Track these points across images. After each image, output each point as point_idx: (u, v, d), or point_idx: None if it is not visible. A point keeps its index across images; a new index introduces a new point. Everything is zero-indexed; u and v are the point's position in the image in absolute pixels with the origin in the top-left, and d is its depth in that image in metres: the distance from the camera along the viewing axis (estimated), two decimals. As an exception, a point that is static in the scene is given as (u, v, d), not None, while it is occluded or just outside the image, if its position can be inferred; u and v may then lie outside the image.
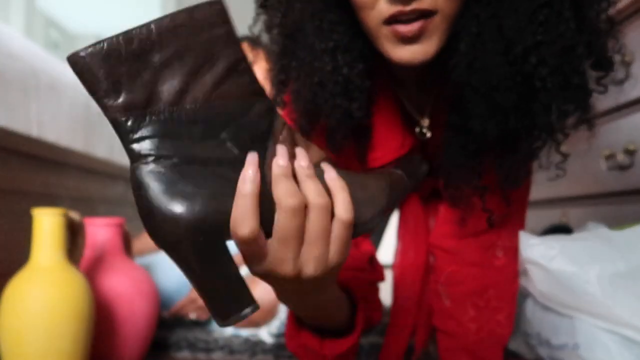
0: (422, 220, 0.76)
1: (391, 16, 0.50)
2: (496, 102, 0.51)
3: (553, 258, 0.75)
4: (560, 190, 1.47)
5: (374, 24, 0.52)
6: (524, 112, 0.52)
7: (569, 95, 0.53)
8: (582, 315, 0.71)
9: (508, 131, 0.54)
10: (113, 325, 0.88)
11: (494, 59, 0.50)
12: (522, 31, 0.49)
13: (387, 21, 0.51)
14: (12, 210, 1.08)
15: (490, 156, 0.59)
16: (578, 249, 0.75)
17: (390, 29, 0.51)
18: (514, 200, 0.67)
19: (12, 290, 0.74)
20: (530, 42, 0.49)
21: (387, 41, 0.52)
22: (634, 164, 1.11)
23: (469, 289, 0.68)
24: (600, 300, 0.68)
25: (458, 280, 0.69)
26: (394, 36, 0.51)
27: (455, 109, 0.56)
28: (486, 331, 0.67)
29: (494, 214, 0.65)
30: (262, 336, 1.10)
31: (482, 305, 0.68)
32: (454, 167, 0.61)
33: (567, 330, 0.72)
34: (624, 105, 1.16)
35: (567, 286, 0.72)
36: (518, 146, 0.56)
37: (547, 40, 0.49)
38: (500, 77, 0.50)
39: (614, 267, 0.70)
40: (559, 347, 0.74)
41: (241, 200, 0.36)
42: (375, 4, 0.51)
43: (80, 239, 0.84)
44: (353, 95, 0.56)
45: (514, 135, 0.55)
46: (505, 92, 0.51)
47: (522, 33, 0.49)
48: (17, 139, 1.10)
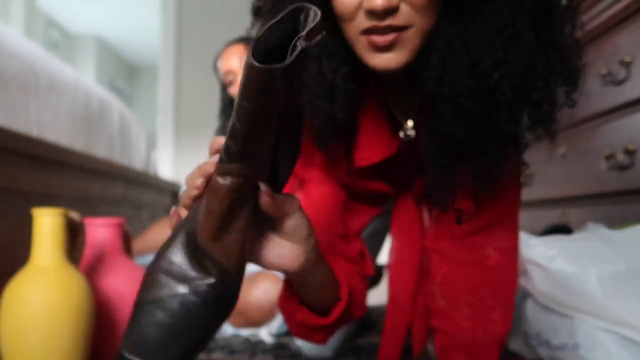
0: (416, 220, 0.78)
1: (367, 28, 0.55)
2: (463, 111, 0.56)
3: (553, 258, 0.75)
4: (560, 190, 1.47)
5: (353, 34, 0.57)
6: (489, 122, 0.57)
7: (530, 109, 0.58)
8: (582, 316, 0.71)
9: (475, 137, 0.59)
10: (113, 325, 0.88)
11: (461, 73, 0.55)
12: (486, 49, 0.54)
13: (365, 32, 0.56)
14: (12, 210, 1.08)
15: (463, 159, 0.63)
16: (578, 249, 0.75)
17: (367, 38, 0.56)
18: (505, 203, 0.71)
19: (12, 290, 0.74)
20: (493, 59, 0.54)
21: (365, 49, 0.58)
22: (634, 164, 1.11)
23: (463, 288, 0.69)
24: (600, 301, 0.68)
25: (452, 280, 0.70)
26: (370, 45, 0.56)
27: (432, 113, 0.61)
28: (481, 329, 0.68)
29: (462, 213, 0.68)
30: (262, 336, 1.10)
31: (476, 303, 0.68)
32: (432, 167, 0.65)
33: (567, 330, 0.73)
34: (624, 105, 1.16)
35: (567, 286, 0.72)
36: (485, 151, 0.61)
37: (509, 58, 0.54)
38: (466, 90, 0.55)
39: (614, 267, 0.70)
40: (558, 347, 0.74)
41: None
42: (355, 16, 0.56)
43: (80, 239, 0.84)
44: (337, 97, 0.60)
45: (481, 142, 0.60)
46: (471, 103, 0.56)
47: (487, 51, 0.54)
48: (17, 139, 1.10)
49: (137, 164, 2.10)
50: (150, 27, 5.16)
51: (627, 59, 1.12)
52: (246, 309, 1.11)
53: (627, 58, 1.12)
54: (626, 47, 1.14)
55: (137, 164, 2.11)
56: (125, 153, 1.96)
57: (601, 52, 1.25)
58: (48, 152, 1.22)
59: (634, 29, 1.12)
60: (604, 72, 1.20)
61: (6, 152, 1.06)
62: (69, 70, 1.57)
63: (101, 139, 1.72)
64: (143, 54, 6.53)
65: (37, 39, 4.57)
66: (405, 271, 0.77)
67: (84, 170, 1.43)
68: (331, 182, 0.73)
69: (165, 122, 3.31)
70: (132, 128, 2.07)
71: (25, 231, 0.89)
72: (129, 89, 6.76)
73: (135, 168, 2.00)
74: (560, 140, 1.46)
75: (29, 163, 1.15)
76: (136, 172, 1.89)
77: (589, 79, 1.30)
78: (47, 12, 5.20)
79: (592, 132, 1.30)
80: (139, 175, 1.90)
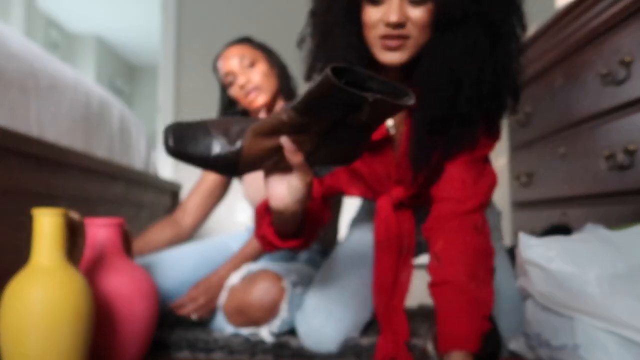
0: (393, 219, 1.00)
1: (384, 35, 0.85)
2: (439, 96, 0.85)
3: (552, 259, 0.75)
4: (560, 190, 1.47)
5: (373, 38, 0.87)
6: (454, 106, 0.86)
7: (484, 104, 0.87)
8: (581, 316, 0.71)
9: (445, 115, 0.87)
10: (113, 325, 0.88)
11: (440, 72, 0.85)
12: (457, 59, 0.84)
13: (381, 37, 0.86)
14: (12, 210, 1.08)
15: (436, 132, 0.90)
16: (577, 250, 0.75)
17: (382, 42, 0.86)
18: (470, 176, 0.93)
19: (12, 290, 0.74)
20: (461, 66, 0.84)
21: (379, 49, 0.88)
22: (634, 164, 1.11)
23: (456, 252, 0.86)
24: (600, 301, 0.69)
25: (446, 247, 0.87)
26: (383, 47, 0.87)
27: (419, 102, 0.84)
28: (475, 284, 0.82)
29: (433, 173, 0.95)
30: (262, 335, 1.10)
31: (469, 264, 0.84)
32: (416, 136, 0.91)
33: (567, 331, 0.73)
34: (624, 105, 1.16)
35: (566, 287, 0.72)
36: (451, 125, 0.89)
37: (471, 67, 0.84)
38: (443, 83, 0.85)
39: (613, 268, 0.70)
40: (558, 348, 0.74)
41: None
42: (376, 25, 0.85)
43: (80, 239, 0.84)
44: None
45: (449, 118, 0.88)
46: (444, 92, 0.85)
47: (458, 60, 0.84)
48: (17, 139, 1.10)
49: (137, 164, 2.10)
50: (150, 27, 5.16)
51: (627, 59, 1.12)
52: (247, 308, 1.11)
53: (627, 58, 1.12)
54: (626, 47, 1.14)
55: (137, 164, 2.11)
56: (125, 153, 1.96)
57: (601, 52, 1.25)
58: (48, 152, 1.22)
59: (634, 29, 1.12)
60: (604, 72, 1.20)
61: (6, 152, 1.06)
62: (69, 70, 1.57)
63: (101, 139, 1.72)
64: (143, 54, 6.54)
65: (37, 39, 4.57)
66: (385, 258, 1.00)
67: (84, 170, 1.43)
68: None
69: (165, 122, 3.32)
70: (132, 128, 2.07)
71: (25, 231, 0.89)
72: (129, 89, 6.76)
73: (135, 168, 2.00)
74: (560, 140, 1.46)
75: (29, 163, 1.15)
76: (136, 172, 1.89)
77: (589, 79, 1.30)
78: (47, 12, 5.20)
79: (592, 132, 1.30)
80: (139, 175, 1.91)
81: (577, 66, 1.37)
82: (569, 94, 1.42)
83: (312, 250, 1.43)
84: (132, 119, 2.09)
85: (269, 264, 1.20)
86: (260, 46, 1.42)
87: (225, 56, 1.39)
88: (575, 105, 1.38)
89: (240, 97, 1.37)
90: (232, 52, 1.39)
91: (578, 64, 1.37)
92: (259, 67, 1.37)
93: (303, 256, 1.42)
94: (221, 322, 1.17)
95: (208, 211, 1.53)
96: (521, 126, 1.73)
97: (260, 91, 1.36)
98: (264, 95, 1.36)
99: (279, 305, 1.11)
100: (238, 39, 1.43)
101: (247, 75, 1.36)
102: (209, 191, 1.51)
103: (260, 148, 0.69)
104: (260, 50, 1.40)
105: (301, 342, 1.08)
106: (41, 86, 1.34)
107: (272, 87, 1.38)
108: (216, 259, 1.32)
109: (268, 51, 1.43)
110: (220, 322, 1.17)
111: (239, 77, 1.36)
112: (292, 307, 1.12)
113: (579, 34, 1.34)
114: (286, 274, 1.15)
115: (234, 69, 1.36)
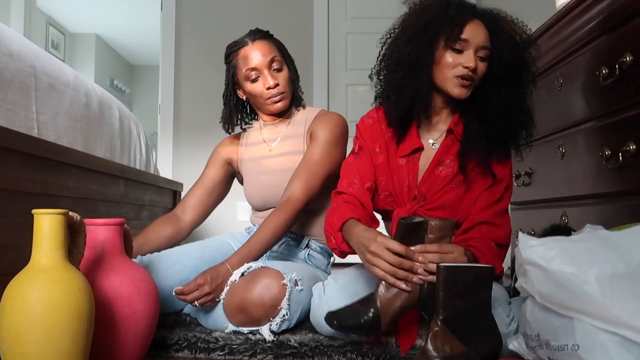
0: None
1: (461, 75, 1.14)
2: (486, 125, 1.18)
3: (552, 259, 0.75)
4: (560, 190, 1.47)
5: (450, 75, 1.15)
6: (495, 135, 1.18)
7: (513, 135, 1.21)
8: (581, 316, 0.71)
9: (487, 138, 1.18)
10: (113, 325, 0.88)
11: (488, 108, 1.17)
12: (499, 103, 1.16)
13: (458, 76, 1.14)
14: (12, 210, 1.08)
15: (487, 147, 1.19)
16: (577, 250, 0.75)
17: (459, 80, 1.14)
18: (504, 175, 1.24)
19: (12, 290, 0.74)
20: (501, 109, 1.17)
21: (453, 84, 1.15)
22: (633, 164, 1.11)
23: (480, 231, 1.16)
24: (599, 301, 0.68)
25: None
26: (460, 83, 1.14)
27: (470, 122, 1.20)
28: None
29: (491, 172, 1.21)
30: (263, 333, 1.10)
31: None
32: (470, 142, 1.19)
33: (567, 331, 0.73)
34: (624, 105, 1.16)
35: (566, 287, 0.72)
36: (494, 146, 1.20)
37: (508, 111, 1.17)
38: (489, 116, 1.17)
39: (613, 268, 0.70)
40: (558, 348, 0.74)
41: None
42: (456, 67, 1.14)
43: (80, 239, 0.85)
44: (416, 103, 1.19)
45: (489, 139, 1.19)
46: (496, 126, 1.17)
47: (499, 103, 1.16)
48: (17, 139, 1.10)
49: (137, 164, 2.10)
50: (150, 27, 5.16)
51: (627, 59, 1.12)
52: (247, 305, 1.10)
53: (627, 58, 1.12)
54: (626, 47, 1.14)
55: (137, 164, 2.11)
56: (125, 153, 1.96)
57: (601, 52, 1.25)
58: (48, 152, 1.22)
59: (634, 29, 1.12)
60: (604, 72, 1.20)
61: (6, 152, 1.06)
62: (69, 70, 1.57)
63: (101, 139, 1.72)
64: (143, 54, 6.54)
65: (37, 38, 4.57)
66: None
67: (84, 170, 1.43)
68: (372, 158, 1.26)
69: (165, 122, 3.32)
70: (132, 128, 2.07)
71: (25, 231, 0.89)
72: (129, 89, 6.76)
73: (135, 168, 2.00)
74: (560, 140, 1.46)
75: (29, 163, 1.15)
76: (136, 172, 1.89)
77: (589, 79, 1.30)
78: (47, 12, 5.20)
79: (592, 132, 1.30)
80: (139, 175, 1.91)
81: (577, 66, 1.37)
82: (568, 94, 1.42)
83: (312, 248, 1.43)
84: (132, 118, 2.10)
85: (270, 262, 1.20)
86: (282, 50, 1.45)
87: (252, 50, 1.39)
88: (575, 105, 1.38)
89: (263, 95, 1.40)
90: (260, 48, 1.39)
91: (578, 64, 1.37)
92: (285, 72, 1.42)
93: (303, 254, 1.42)
94: (221, 317, 1.17)
95: (208, 209, 1.53)
96: (521, 126, 1.73)
97: (284, 96, 1.41)
98: (286, 100, 1.42)
99: (280, 303, 1.11)
100: (261, 33, 1.43)
101: (276, 78, 1.39)
102: (209, 189, 1.51)
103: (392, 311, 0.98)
104: (282, 55, 1.44)
105: (314, 319, 1.12)
106: (41, 86, 1.34)
107: (291, 93, 1.45)
108: (217, 258, 1.32)
109: (289, 57, 1.47)
110: (220, 317, 1.17)
111: (269, 78, 1.38)
112: (293, 304, 1.12)
113: (579, 34, 1.34)
114: (287, 271, 1.15)
115: (261, 68, 1.38)
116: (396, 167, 1.24)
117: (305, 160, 1.34)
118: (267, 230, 1.24)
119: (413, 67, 1.17)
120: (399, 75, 1.18)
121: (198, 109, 3.31)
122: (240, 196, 1.60)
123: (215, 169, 1.53)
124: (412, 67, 1.17)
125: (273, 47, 1.41)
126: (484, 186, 1.19)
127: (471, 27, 1.15)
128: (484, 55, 1.14)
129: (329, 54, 3.23)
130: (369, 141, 1.27)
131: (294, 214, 1.27)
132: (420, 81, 1.17)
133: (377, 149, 1.26)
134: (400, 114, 1.19)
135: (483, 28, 1.15)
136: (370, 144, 1.26)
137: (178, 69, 3.33)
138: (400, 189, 1.23)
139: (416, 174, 1.23)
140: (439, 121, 1.24)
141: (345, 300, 1.07)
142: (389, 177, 1.24)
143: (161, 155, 3.32)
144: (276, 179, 1.41)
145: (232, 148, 1.53)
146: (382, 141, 1.26)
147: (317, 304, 1.13)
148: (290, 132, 1.46)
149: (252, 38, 1.41)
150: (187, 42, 3.34)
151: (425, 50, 1.16)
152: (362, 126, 1.30)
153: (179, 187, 2.45)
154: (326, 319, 0.98)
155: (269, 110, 1.43)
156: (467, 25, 1.14)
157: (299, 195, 1.29)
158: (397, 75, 1.19)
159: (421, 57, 1.16)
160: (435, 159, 1.21)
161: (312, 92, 3.18)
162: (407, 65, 1.17)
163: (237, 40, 1.43)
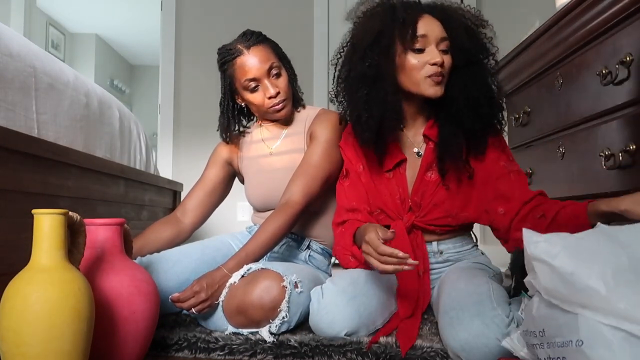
0: (407, 240, 1.18)
1: (431, 73, 1.12)
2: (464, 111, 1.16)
3: (556, 255, 0.74)
4: (560, 190, 1.47)
5: (420, 77, 1.13)
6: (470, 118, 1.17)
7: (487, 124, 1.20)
8: (585, 312, 0.71)
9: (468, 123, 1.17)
10: (113, 325, 0.88)
11: (456, 105, 1.16)
12: (469, 88, 1.15)
13: (429, 76, 1.12)
14: (12, 210, 1.08)
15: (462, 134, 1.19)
16: (581, 245, 0.74)
17: (430, 79, 1.12)
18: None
19: (12, 290, 0.74)
20: (473, 93, 1.14)
21: (427, 85, 1.13)
22: (634, 164, 1.11)
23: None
24: (604, 296, 0.68)
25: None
26: (433, 82, 1.12)
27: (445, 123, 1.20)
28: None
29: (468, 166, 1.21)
30: (262, 335, 1.10)
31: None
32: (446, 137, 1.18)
33: (571, 327, 0.72)
34: (624, 105, 1.16)
35: (570, 282, 0.72)
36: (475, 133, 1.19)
37: (480, 95, 1.16)
38: (461, 111, 1.16)
39: (617, 262, 0.70)
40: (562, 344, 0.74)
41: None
42: (423, 67, 1.12)
43: (80, 239, 0.84)
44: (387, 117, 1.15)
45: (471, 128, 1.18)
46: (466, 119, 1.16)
47: (470, 89, 1.15)
48: (17, 139, 1.10)
49: (137, 164, 2.10)
50: (150, 27, 5.16)
51: (627, 59, 1.12)
52: (247, 307, 1.10)
53: (627, 58, 1.12)
54: (626, 47, 1.14)
55: (137, 164, 2.11)
56: (125, 153, 1.96)
57: (601, 52, 1.25)
58: (48, 152, 1.22)
59: (634, 29, 1.12)
60: (604, 72, 1.20)
61: (6, 152, 1.06)
62: (69, 70, 1.57)
63: (101, 139, 1.72)
64: (143, 54, 6.54)
65: (37, 38, 4.57)
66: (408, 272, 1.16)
67: (84, 170, 1.43)
68: (360, 178, 1.26)
69: (165, 122, 3.32)
70: (132, 128, 2.07)
71: (25, 231, 0.89)
72: (129, 89, 6.76)
73: (135, 168, 2.00)
74: (560, 140, 1.46)
75: (28, 163, 1.15)
76: (136, 172, 1.89)
77: (588, 79, 1.30)
78: (47, 12, 5.20)
79: (592, 132, 1.30)
80: (139, 175, 1.90)
81: (577, 66, 1.37)
82: (568, 94, 1.42)
83: (313, 249, 1.43)
84: (132, 118, 2.09)
85: (269, 263, 1.20)
86: (278, 52, 1.41)
87: (249, 59, 1.34)
88: (575, 105, 1.38)
89: (265, 104, 1.37)
90: (257, 55, 1.35)
91: (578, 64, 1.37)
92: (284, 77, 1.39)
93: (304, 255, 1.42)
94: (221, 319, 1.17)
95: (208, 210, 1.52)
96: (521, 126, 1.73)
97: (286, 103, 1.40)
98: (288, 107, 1.41)
99: (279, 305, 1.10)
100: (255, 37, 1.37)
101: (276, 86, 1.37)
102: (209, 190, 1.51)
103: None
104: (279, 57, 1.40)
105: (313, 324, 1.10)
106: (41, 86, 1.34)
107: (291, 96, 1.43)
108: (217, 259, 1.32)
109: (285, 57, 1.44)
110: (220, 319, 1.17)
111: (269, 87, 1.36)
112: (292, 306, 1.12)
113: (579, 34, 1.34)
114: (287, 273, 1.14)
115: (261, 77, 1.35)
116: (385, 180, 1.23)
117: (305, 162, 1.34)
118: (265, 233, 1.23)
119: (376, 80, 1.12)
120: (364, 92, 1.13)
121: (198, 109, 3.31)
122: (240, 196, 1.60)
123: (216, 169, 1.52)
124: (375, 80, 1.12)
125: (269, 51, 1.37)
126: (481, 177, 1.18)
127: (424, 22, 1.11)
128: (445, 48, 1.11)
129: (329, 54, 3.24)
130: (354, 161, 1.26)
131: (293, 217, 1.26)
132: (386, 92, 1.12)
133: (361, 167, 1.25)
134: (373, 133, 1.15)
135: (435, 20, 1.12)
136: (355, 164, 1.26)
137: (178, 69, 3.33)
138: (393, 203, 1.22)
139: (405, 184, 1.22)
140: (417, 129, 1.23)
141: (344, 303, 1.07)
142: (376, 194, 1.23)
143: (161, 156, 3.32)
144: (277, 178, 1.41)
145: (233, 147, 1.53)
146: (364, 160, 1.25)
147: (316, 309, 1.10)
148: (290, 131, 1.46)
149: (246, 45, 1.36)
150: (187, 42, 3.34)
151: (385, 60, 1.11)
152: (345, 146, 1.29)
153: (179, 187, 2.45)
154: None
155: (272, 118, 1.43)
156: (419, 22, 1.10)
157: (297, 198, 1.28)
158: (361, 93, 1.13)
159: (382, 68, 1.11)
160: (423, 166, 1.21)
161: (312, 92, 3.18)
162: (369, 80, 1.12)
163: (231, 48, 1.37)
